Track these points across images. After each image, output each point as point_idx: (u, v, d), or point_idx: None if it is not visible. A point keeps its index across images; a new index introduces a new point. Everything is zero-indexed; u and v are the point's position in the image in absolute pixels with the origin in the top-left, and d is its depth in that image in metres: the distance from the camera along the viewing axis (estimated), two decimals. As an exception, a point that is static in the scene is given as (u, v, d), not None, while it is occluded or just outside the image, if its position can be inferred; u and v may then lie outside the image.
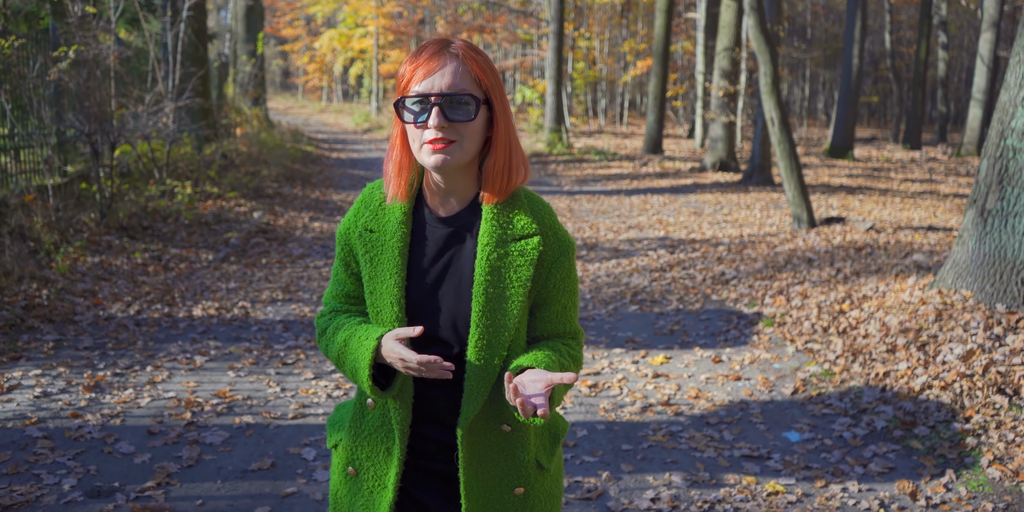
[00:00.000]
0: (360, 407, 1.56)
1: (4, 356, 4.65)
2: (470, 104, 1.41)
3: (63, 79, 7.49)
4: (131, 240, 7.37)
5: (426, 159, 1.42)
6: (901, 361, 4.41)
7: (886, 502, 3.27)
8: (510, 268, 1.46)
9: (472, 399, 1.47)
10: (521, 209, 1.49)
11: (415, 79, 1.41)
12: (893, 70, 28.27)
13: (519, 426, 1.52)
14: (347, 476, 1.58)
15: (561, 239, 1.51)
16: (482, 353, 1.45)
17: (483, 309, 1.45)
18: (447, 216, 1.51)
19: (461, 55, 1.42)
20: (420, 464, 1.54)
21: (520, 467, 1.53)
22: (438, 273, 1.50)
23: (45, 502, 3.09)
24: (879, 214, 10.22)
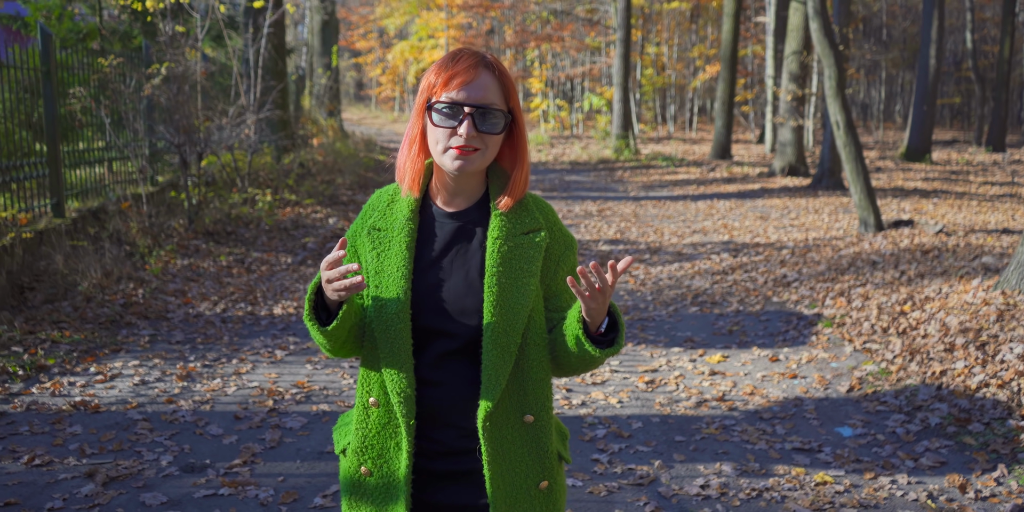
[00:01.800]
0: (364, 408, 1.57)
1: (106, 348, 5.08)
2: (500, 118, 1.48)
3: (155, 94, 8.03)
4: (216, 244, 7.85)
5: (447, 162, 1.48)
6: (959, 360, 4.44)
7: (935, 494, 3.34)
8: (521, 259, 1.51)
9: (490, 389, 1.47)
10: (527, 208, 1.56)
11: (450, 85, 1.46)
12: (975, 70, 27.37)
13: (542, 416, 1.53)
14: (360, 478, 1.58)
15: (565, 235, 1.59)
16: (498, 341, 1.47)
17: (496, 298, 1.48)
18: (456, 211, 1.56)
19: (496, 71, 1.49)
20: (431, 467, 1.54)
21: (544, 458, 1.54)
22: (446, 266, 1.53)
23: (146, 475, 3.44)
24: (952, 218, 10.03)
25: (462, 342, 1.51)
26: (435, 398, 1.51)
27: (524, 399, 1.52)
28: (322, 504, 3.23)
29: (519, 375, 1.51)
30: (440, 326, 1.51)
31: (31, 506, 3.16)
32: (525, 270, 1.51)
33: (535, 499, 1.54)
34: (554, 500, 1.57)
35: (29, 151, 6.98)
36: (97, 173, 8.17)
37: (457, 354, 1.51)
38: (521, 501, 1.53)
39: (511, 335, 1.48)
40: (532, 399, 1.52)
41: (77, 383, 4.48)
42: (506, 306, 1.48)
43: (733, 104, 19.09)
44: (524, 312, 1.49)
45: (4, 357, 4.72)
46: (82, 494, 3.25)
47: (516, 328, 1.49)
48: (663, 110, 32.97)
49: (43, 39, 7.00)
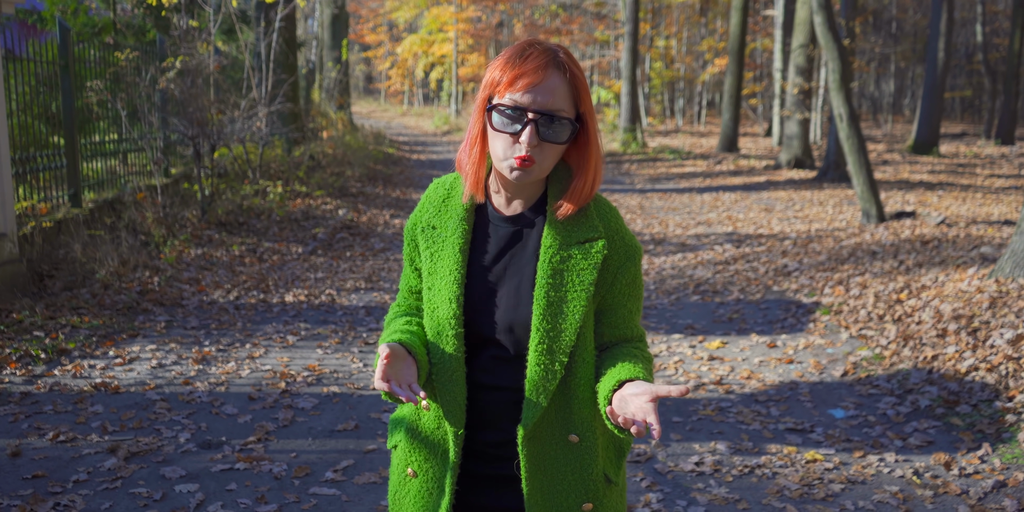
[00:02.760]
0: (416, 410, 1.54)
1: (124, 333, 5.26)
2: (566, 127, 1.38)
3: (169, 87, 8.20)
4: (229, 234, 8.02)
5: (505, 171, 1.39)
6: (950, 345, 4.56)
7: (920, 471, 3.47)
8: (573, 271, 1.42)
9: (532, 405, 1.42)
10: (587, 214, 1.45)
11: (516, 86, 1.35)
12: (986, 63, 27.29)
13: (588, 437, 1.46)
14: (406, 477, 1.55)
15: (628, 244, 1.47)
16: (543, 358, 1.40)
17: (544, 313, 1.40)
18: (512, 215, 1.47)
19: (567, 72, 1.37)
20: (477, 469, 1.50)
21: (588, 481, 1.46)
22: (499, 272, 1.46)
23: (166, 451, 3.61)
24: (956, 210, 10.11)
25: (514, 350, 1.44)
26: (486, 401, 1.47)
27: (569, 418, 1.44)
28: (333, 478, 3.39)
29: (565, 393, 1.44)
30: (490, 334, 1.45)
31: (57, 478, 3.33)
32: (577, 283, 1.41)
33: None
34: None
35: (45, 143, 7.17)
36: (112, 165, 8.36)
37: (511, 360, 1.45)
38: None
39: (556, 353, 1.40)
40: (578, 418, 1.44)
41: (97, 366, 4.66)
42: (553, 322, 1.40)
43: (740, 97, 19.14)
44: (573, 329, 1.41)
45: (27, 341, 4.90)
46: (105, 468, 3.43)
47: (563, 346, 1.40)
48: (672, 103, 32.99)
49: (61, 33, 7.17)
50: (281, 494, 3.24)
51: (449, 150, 20.99)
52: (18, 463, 3.45)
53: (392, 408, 4.15)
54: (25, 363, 4.64)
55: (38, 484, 3.28)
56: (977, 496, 3.25)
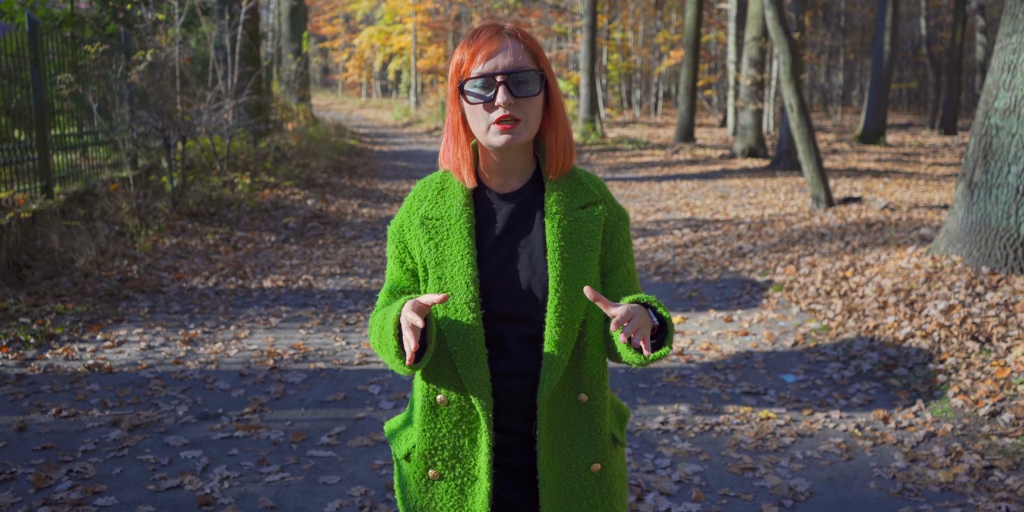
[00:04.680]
0: (430, 408, 1.51)
1: (109, 319, 5.43)
2: (535, 80, 1.43)
3: (139, 80, 8.29)
4: (201, 224, 8.17)
5: (493, 139, 1.43)
6: (890, 316, 4.97)
7: (861, 425, 3.85)
8: (582, 233, 1.48)
9: (552, 366, 1.44)
10: (580, 181, 1.53)
11: (477, 60, 1.43)
12: (930, 56, 28.24)
13: (596, 396, 1.50)
14: (427, 483, 1.52)
15: (618, 207, 1.56)
16: (562, 318, 1.44)
17: (560, 274, 1.45)
18: (510, 192, 1.52)
19: (519, 35, 1.45)
20: (502, 460, 1.51)
21: (597, 440, 1.50)
22: (508, 249, 1.49)
23: (166, 423, 3.83)
24: (900, 195, 10.64)
25: (534, 325, 1.47)
26: (510, 388, 1.48)
27: (580, 377, 1.48)
28: (328, 442, 3.65)
29: (577, 352, 1.48)
30: (511, 311, 1.47)
31: (66, 449, 3.53)
32: (586, 245, 1.48)
33: (586, 481, 1.50)
34: (608, 484, 1.52)
35: (7, 137, 7.21)
36: (73, 158, 8.42)
37: (530, 339, 1.47)
38: (571, 482, 1.49)
39: (575, 311, 1.44)
40: (587, 377, 1.49)
41: (87, 349, 4.84)
42: (569, 281, 1.45)
43: (696, 89, 19.62)
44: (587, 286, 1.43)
45: (14, 327, 5.05)
46: (111, 438, 3.64)
47: (579, 303, 1.45)
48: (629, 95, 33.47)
49: (30, 26, 7.23)
50: (281, 457, 3.50)
51: (411, 142, 21.15)
52: (25, 437, 3.65)
53: (377, 380, 4.42)
54: (16, 348, 4.79)
55: (48, 454, 3.48)
56: (911, 445, 3.63)
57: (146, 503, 3.09)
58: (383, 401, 4.13)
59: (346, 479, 3.30)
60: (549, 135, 1.50)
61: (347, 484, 3.26)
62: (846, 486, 3.28)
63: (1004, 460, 3.43)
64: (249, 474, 3.33)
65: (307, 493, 3.19)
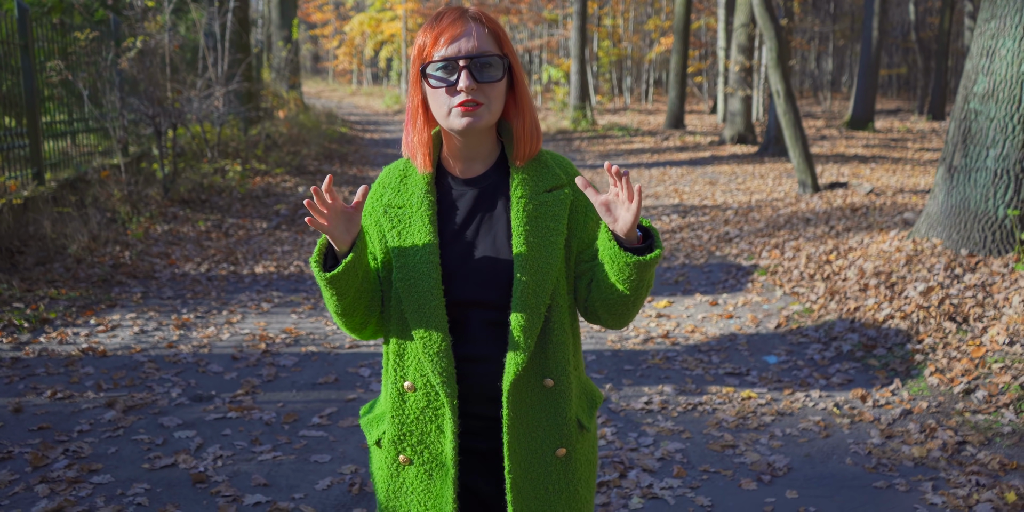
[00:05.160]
0: (398, 394, 1.52)
1: (102, 304, 5.49)
2: (498, 65, 1.42)
3: (129, 67, 8.30)
4: (193, 211, 8.21)
5: (455, 122, 1.42)
6: (871, 298, 5.07)
7: (840, 404, 3.96)
8: (547, 217, 1.47)
9: (518, 351, 1.44)
10: (547, 164, 1.52)
11: (440, 43, 1.41)
12: (919, 41, 28.31)
13: (562, 381, 1.50)
14: (398, 468, 1.54)
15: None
16: (527, 303, 1.43)
17: (524, 259, 1.44)
18: (473, 177, 1.51)
19: (483, 20, 1.44)
20: (470, 445, 1.51)
21: (562, 425, 1.50)
22: (472, 234, 1.49)
23: (160, 404, 3.90)
24: (886, 181, 10.74)
25: (499, 311, 1.46)
26: (477, 374, 1.48)
27: (546, 363, 1.48)
28: (319, 423, 3.73)
29: (543, 337, 1.47)
30: (474, 296, 1.47)
31: (62, 429, 3.61)
32: (552, 228, 1.46)
33: (551, 466, 1.50)
34: (573, 469, 1.52)
35: (-2, 124, 7.22)
36: (69, 145, 8.43)
37: (496, 325, 1.47)
38: (536, 467, 1.50)
39: (540, 295, 1.44)
40: (553, 363, 1.48)
41: (81, 333, 4.90)
42: (535, 265, 1.44)
43: (686, 75, 19.66)
44: (552, 271, 1.45)
45: (8, 312, 5.10)
46: (105, 419, 3.71)
47: (545, 288, 1.45)
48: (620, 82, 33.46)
49: (20, 13, 7.22)
50: (273, 437, 3.58)
51: (402, 129, 21.13)
52: (21, 418, 3.72)
53: (368, 362, 4.50)
54: (10, 332, 4.85)
55: (45, 434, 3.55)
56: (887, 422, 3.74)
57: (141, 480, 3.17)
58: (373, 383, 4.21)
59: (337, 458, 3.39)
60: (516, 121, 1.49)
61: (338, 463, 3.34)
62: (823, 462, 3.39)
63: (976, 436, 3.54)
64: (242, 453, 3.41)
65: (299, 471, 3.28)
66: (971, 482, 3.17)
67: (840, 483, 3.21)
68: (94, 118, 8.56)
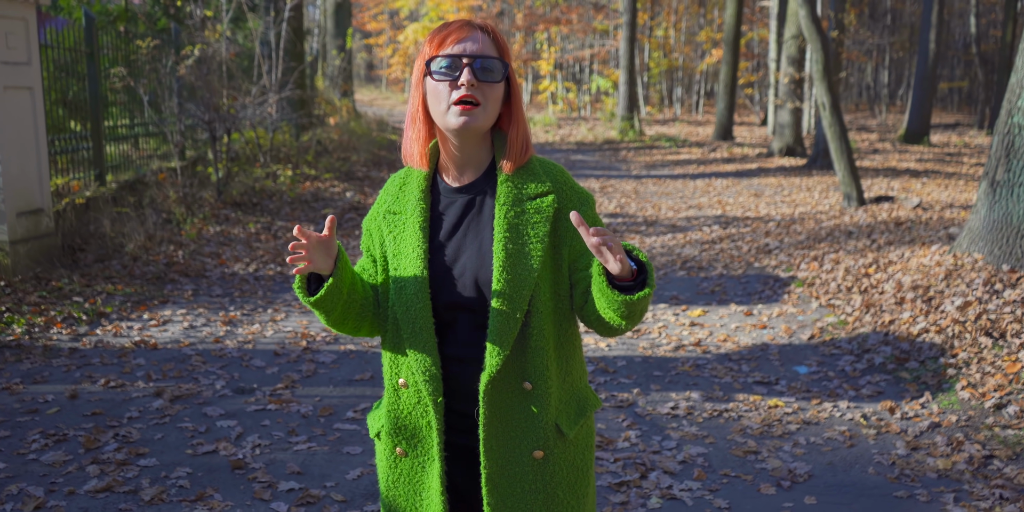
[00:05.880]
0: (394, 390, 1.60)
1: (155, 300, 5.74)
2: (499, 68, 1.49)
3: (187, 74, 8.65)
4: (244, 214, 8.50)
5: (451, 120, 1.48)
6: (906, 311, 5.05)
7: (868, 415, 3.96)
8: (527, 225, 1.51)
9: (494, 353, 1.49)
10: (534, 172, 1.56)
11: (446, 43, 1.49)
12: (979, 54, 27.67)
13: (540, 385, 1.54)
14: (396, 459, 1.62)
15: (579, 193, 1.58)
16: (504, 307, 1.48)
17: (503, 264, 1.48)
18: (463, 185, 1.56)
19: (488, 29, 1.52)
20: (456, 441, 1.58)
21: (539, 428, 1.54)
22: (460, 240, 1.55)
23: (205, 395, 4.10)
24: (937, 195, 10.57)
25: (483, 314, 1.52)
26: (461, 373, 1.54)
27: (525, 366, 1.53)
28: (353, 416, 3.87)
29: (522, 341, 1.52)
30: (461, 300, 1.53)
31: (113, 415, 3.82)
32: (532, 235, 1.51)
33: (527, 466, 1.55)
34: (551, 472, 1.56)
35: (64, 127, 7.59)
36: (130, 148, 8.81)
37: (481, 328, 1.52)
38: (513, 467, 1.55)
39: (516, 301, 1.48)
40: (532, 367, 1.53)
41: (134, 327, 5.14)
42: (512, 272, 1.49)
43: (736, 87, 19.56)
44: (530, 278, 1.49)
45: (68, 305, 5.38)
46: (153, 408, 3.91)
47: (522, 294, 1.49)
48: (670, 93, 33.37)
49: (87, 22, 7.60)
50: (309, 428, 3.73)
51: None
52: (76, 404, 3.94)
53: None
54: (69, 324, 5.12)
55: (97, 419, 3.76)
56: (914, 434, 3.74)
57: (184, 465, 3.35)
58: (407, 381, 4.35)
59: (368, 450, 3.52)
60: (510, 130, 1.54)
61: (368, 455, 3.48)
62: (845, 470, 3.41)
63: (1004, 450, 3.52)
64: (279, 443, 3.57)
65: (331, 461, 3.42)
66: (995, 495, 3.16)
67: (860, 491, 3.23)
68: (154, 123, 8.92)
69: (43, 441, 3.51)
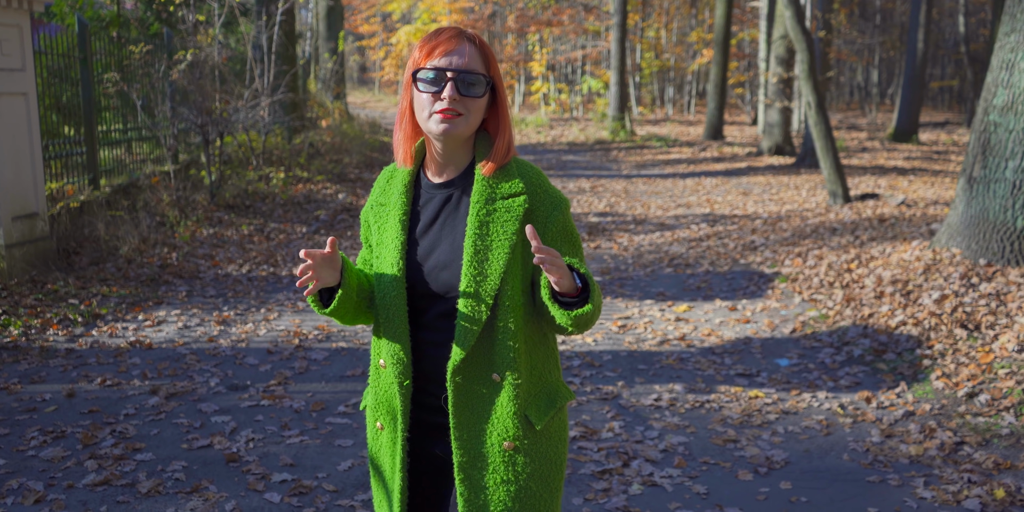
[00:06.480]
0: (375, 370, 1.71)
1: (150, 301, 5.83)
2: (481, 83, 1.58)
3: (180, 78, 8.74)
4: (237, 216, 8.59)
5: (433, 127, 1.57)
6: (885, 305, 5.17)
7: (845, 405, 4.08)
8: (497, 223, 1.58)
9: (461, 344, 1.57)
10: (510, 173, 1.63)
11: (434, 54, 1.56)
12: (968, 53, 27.87)
13: (508, 377, 1.60)
14: (377, 432, 1.74)
15: (552, 196, 1.64)
16: (471, 301, 1.56)
17: (471, 259, 1.56)
18: (443, 182, 1.66)
19: (477, 42, 1.59)
20: (425, 418, 1.68)
21: (507, 418, 1.60)
22: (436, 233, 1.64)
23: (199, 392, 4.19)
24: (922, 193, 10.71)
25: (453, 303, 1.61)
26: (435, 356, 1.63)
27: (492, 358, 1.60)
28: (344, 411, 3.98)
29: (491, 335, 1.59)
30: (433, 289, 1.62)
31: (110, 412, 3.91)
32: (500, 233, 1.58)
33: (497, 457, 1.61)
34: (521, 462, 1.62)
35: (58, 132, 7.68)
36: (123, 152, 8.90)
37: (450, 316, 1.61)
38: (484, 458, 1.62)
39: (482, 296, 1.56)
40: (500, 360, 1.60)
41: (130, 327, 5.24)
42: (479, 268, 1.56)
43: (726, 87, 19.70)
44: (497, 274, 1.56)
45: (64, 307, 5.47)
46: (150, 405, 4.01)
47: (487, 290, 1.56)
48: (662, 93, 33.53)
49: (80, 28, 7.69)
50: (302, 423, 3.84)
51: (443, 139, 21.47)
52: (74, 402, 4.04)
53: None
54: (65, 325, 5.21)
55: (95, 417, 3.86)
56: (888, 422, 3.86)
57: (180, 459, 3.45)
58: (398, 376, 4.45)
59: (359, 443, 3.63)
60: (497, 136, 1.63)
61: (360, 447, 3.58)
62: (821, 457, 3.53)
63: (975, 437, 3.64)
64: (272, 437, 3.67)
65: (323, 454, 3.52)
66: (963, 479, 3.28)
67: (835, 477, 3.35)
68: (147, 127, 9.01)
69: (42, 438, 3.61)
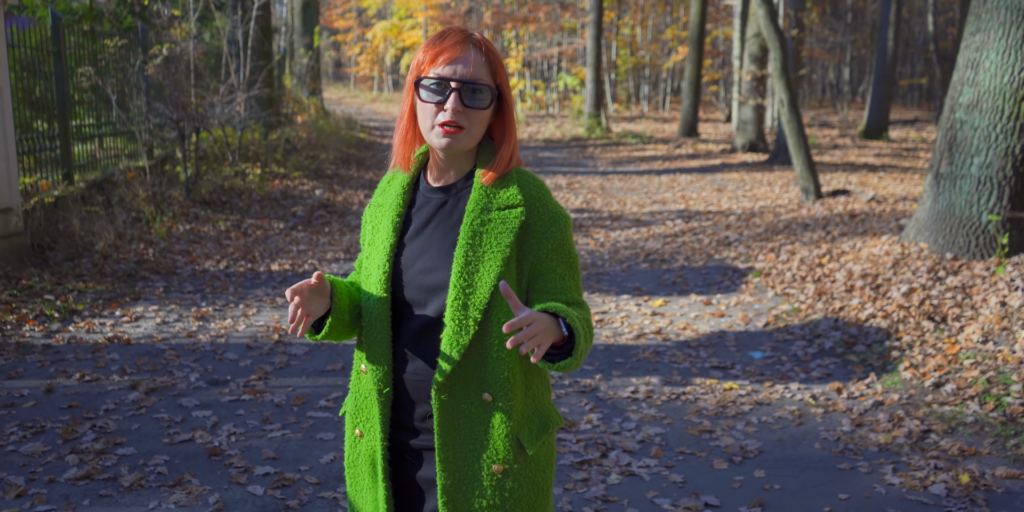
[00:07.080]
0: (357, 375, 1.63)
1: (127, 297, 5.81)
2: (486, 94, 1.50)
3: (155, 73, 8.68)
4: (213, 212, 8.55)
5: (435, 140, 1.51)
6: (855, 298, 5.29)
7: (816, 395, 4.18)
8: (491, 234, 1.50)
9: (446, 360, 1.49)
10: (511, 184, 1.55)
11: (438, 62, 1.49)
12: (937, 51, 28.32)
13: (501, 397, 1.51)
14: (355, 439, 1.65)
15: (552, 211, 1.55)
16: (458, 313, 1.48)
17: (461, 270, 1.48)
18: (441, 186, 1.59)
19: (483, 48, 1.51)
20: (405, 441, 1.59)
21: (498, 440, 1.52)
22: (427, 238, 1.56)
23: (179, 387, 4.20)
24: (892, 189, 10.90)
25: (436, 317, 1.52)
26: (413, 372, 1.55)
27: (483, 376, 1.51)
28: (326, 405, 4.01)
29: (481, 351, 1.50)
30: (414, 298, 1.54)
31: (90, 408, 3.91)
32: (494, 245, 1.50)
33: (485, 481, 1.52)
34: (509, 488, 1.53)
35: (30, 127, 7.59)
36: (97, 147, 8.82)
37: (435, 330, 1.52)
38: (471, 481, 1.53)
39: (470, 309, 1.48)
40: (491, 378, 1.51)
41: (107, 323, 5.22)
42: (468, 280, 1.48)
43: (700, 85, 19.87)
44: (487, 287, 1.48)
45: (40, 303, 5.44)
46: (129, 400, 4.02)
47: (477, 303, 1.48)
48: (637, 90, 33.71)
49: (54, 21, 7.61)
50: (283, 417, 3.86)
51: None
52: (52, 397, 4.03)
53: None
54: (41, 321, 5.18)
55: (74, 412, 3.86)
56: (858, 412, 3.96)
57: (161, 453, 3.46)
58: (378, 371, 4.49)
59: (340, 436, 3.66)
60: (502, 145, 1.56)
61: (341, 441, 3.62)
62: (793, 446, 3.62)
63: (941, 425, 3.76)
64: (254, 431, 3.70)
65: (305, 447, 3.56)
66: (930, 465, 3.39)
67: (807, 465, 3.44)
68: (121, 122, 8.94)
69: (21, 433, 3.61)
